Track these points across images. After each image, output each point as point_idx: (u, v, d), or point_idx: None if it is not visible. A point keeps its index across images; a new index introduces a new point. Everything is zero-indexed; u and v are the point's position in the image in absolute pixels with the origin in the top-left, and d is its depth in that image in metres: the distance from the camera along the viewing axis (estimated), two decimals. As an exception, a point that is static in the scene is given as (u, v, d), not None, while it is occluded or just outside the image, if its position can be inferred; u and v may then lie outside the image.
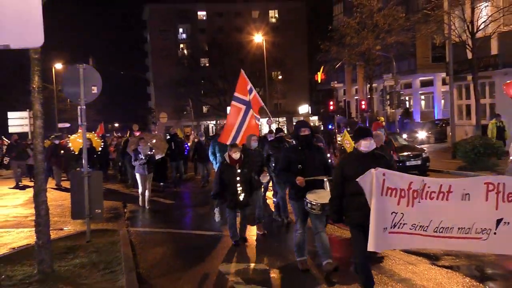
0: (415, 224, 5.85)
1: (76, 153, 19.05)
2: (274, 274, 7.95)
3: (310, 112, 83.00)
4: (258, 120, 13.07)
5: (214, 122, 76.72)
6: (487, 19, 23.37)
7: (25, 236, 11.39)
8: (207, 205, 14.69)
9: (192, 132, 27.81)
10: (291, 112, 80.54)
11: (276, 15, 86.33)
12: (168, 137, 21.06)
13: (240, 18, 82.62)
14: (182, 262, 8.89)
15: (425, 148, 22.13)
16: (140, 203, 14.89)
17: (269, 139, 13.30)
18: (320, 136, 13.59)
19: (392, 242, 5.99)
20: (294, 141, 9.09)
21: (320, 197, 7.47)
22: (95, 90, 10.09)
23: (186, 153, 21.08)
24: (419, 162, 18.96)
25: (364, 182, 5.87)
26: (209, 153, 14.94)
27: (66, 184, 19.61)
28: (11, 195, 19.54)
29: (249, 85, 13.20)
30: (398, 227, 5.87)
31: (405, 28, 33.54)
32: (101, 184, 10.76)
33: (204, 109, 79.31)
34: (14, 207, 16.40)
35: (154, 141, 17.23)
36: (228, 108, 47.84)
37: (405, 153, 18.91)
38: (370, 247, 5.84)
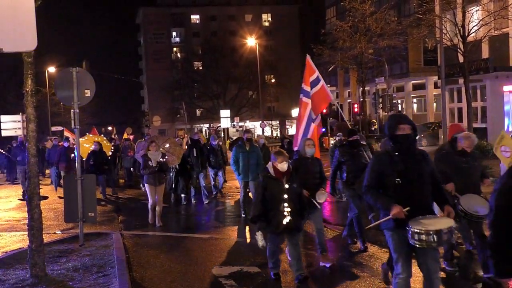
0: None
1: (84, 158, 17.79)
2: (267, 277, 7.97)
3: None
4: (314, 121, 10.81)
5: (207, 125, 76.72)
6: (478, 23, 23.52)
7: (18, 240, 11.36)
8: (202, 208, 14.71)
9: (186, 135, 27.55)
10: (284, 115, 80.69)
11: (269, 19, 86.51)
12: (189, 142, 17.00)
13: (233, 22, 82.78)
14: (175, 265, 8.90)
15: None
16: (150, 219, 12.70)
17: (339, 143, 12.13)
18: (362, 135, 12.83)
19: None
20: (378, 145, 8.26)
21: (431, 223, 5.07)
22: (88, 93, 10.09)
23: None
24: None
25: None
26: (231, 162, 12.94)
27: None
28: (3, 199, 19.46)
29: (315, 75, 10.93)
30: None
31: (397, 32, 33.71)
32: (94, 187, 10.76)
33: (198, 112, 79.31)
34: (6, 211, 16.34)
35: (167, 145, 14.28)
36: (223, 112, 47.63)
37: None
38: None
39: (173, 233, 11.95)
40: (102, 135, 37.14)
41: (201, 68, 79.53)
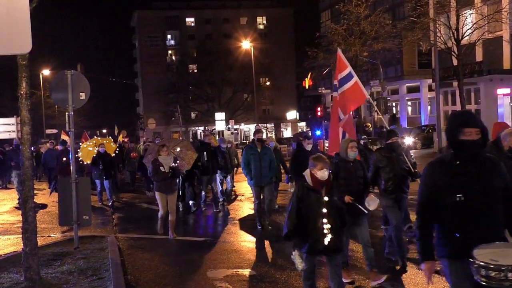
0: None
1: (89, 162, 17.45)
2: (262, 279, 7.97)
3: (298, 118, 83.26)
4: (339, 120, 9.85)
5: (202, 128, 76.73)
6: (472, 27, 23.64)
7: (12, 243, 11.32)
8: (200, 211, 14.68)
9: (181, 138, 27.44)
10: (279, 118, 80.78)
11: (264, 22, 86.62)
12: (199, 145, 15.91)
13: (228, 25, 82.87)
14: (170, 268, 8.89)
15: (412, 154, 22.29)
16: (159, 229, 11.65)
17: (362, 146, 11.41)
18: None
19: None
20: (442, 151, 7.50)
21: (504, 254, 3.79)
22: (83, 96, 10.08)
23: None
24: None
25: None
26: (242, 166, 11.87)
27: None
28: (-3, 202, 19.40)
29: (347, 70, 9.89)
30: None
31: (391, 35, 33.82)
32: (89, 190, 10.73)
33: (193, 115, 79.29)
34: (0, 214, 16.29)
35: (178, 149, 13.24)
36: (218, 114, 47.53)
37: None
38: None
39: (168, 236, 11.93)
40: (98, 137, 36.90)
41: (196, 71, 79.57)
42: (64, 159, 18.78)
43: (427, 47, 29.23)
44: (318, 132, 48.29)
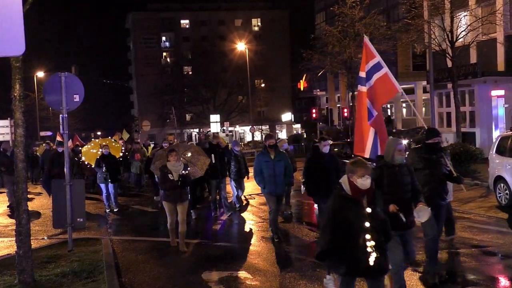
0: None
1: (93, 166, 16.78)
2: (256, 282, 7.96)
3: (293, 120, 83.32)
4: (370, 119, 8.77)
5: (197, 130, 76.69)
6: (466, 28, 23.71)
7: (6, 246, 11.26)
8: (191, 213, 14.64)
9: (175, 140, 27.31)
10: (274, 119, 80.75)
11: (259, 24, 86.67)
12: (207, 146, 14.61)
13: (223, 27, 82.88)
14: (164, 270, 8.87)
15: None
16: (171, 241, 10.48)
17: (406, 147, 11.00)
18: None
19: None
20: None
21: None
22: (77, 98, 10.06)
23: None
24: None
25: None
26: (254, 173, 10.71)
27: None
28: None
29: (376, 59, 8.94)
30: None
31: (386, 37, 33.86)
32: (83, 192, 10.71)
33: (188, 117, 79.22)
34: (-6, 217, 16.22)
35: (189, 154, 12.00)
36: (213, 116, 47.41)
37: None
38: None
39: (162, 238, 11.91)
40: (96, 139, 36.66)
41: (191, 73, 79.53)
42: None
43: (422, 49, 29.26)
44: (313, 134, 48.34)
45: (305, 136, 52.15)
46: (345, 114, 41.96)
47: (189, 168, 10.58)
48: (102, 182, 15.57)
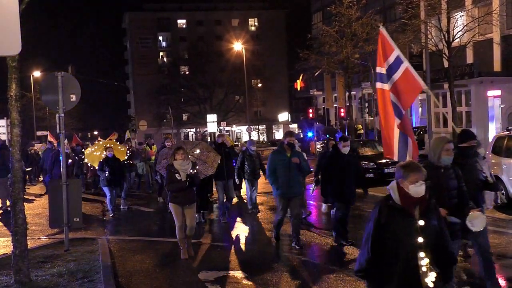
0: None
1: (96, 167, 16.29)
2: (252, 281, 7.97)
3: (289, 120, 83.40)
4: (400, 117, 7.91)
5: (194, 129, 76.67)
6: (462, 29, 23.75)
7: (2, 246, 11.23)
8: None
9: (172, 139, 27.08)
10: (270, 119, 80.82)
11: (256, 23, 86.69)
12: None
13: (220, 27, 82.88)
14: (161, 270, 8.87)
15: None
16: (182, 254, 9.48)
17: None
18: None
19: None
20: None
21: None
22: (74, 98, 10.05)
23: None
24: (397, 169, 19.10)
25: None
26: (267, 173, 10.04)
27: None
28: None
29: (395, 53, 8.03)
30: None
31: (383, 37, 33.90)
32: (80, 192, 10.70)
33: (184, 116, 79.20)
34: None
35: (197, 151, 11.20)
36: (209, 116, 47.29)
37: (383, 161, 19.11)
38: None
39: (159, 238, 11.91)
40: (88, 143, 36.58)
41: (187, 72, 79.48)
42: (70, 160, 17.90)
43: (418, 49, 29.30)
44: (310, 134, 48.40)
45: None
46: (342, 114, 41.99)
47: (198, 167, 9.88)
48: (105, 185, 14.93)
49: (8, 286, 7.72)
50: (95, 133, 67.85)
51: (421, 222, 4.17)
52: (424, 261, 4.13)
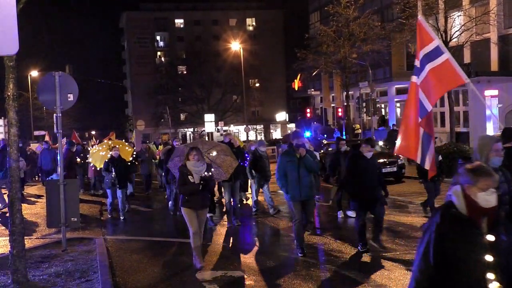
0: None
1: (99, 168, 15.98)
2: (250, 281, 7.97)
3: (287, 120, 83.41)
4: (423, 114, 7.23)
5: (191, 129, 76.67)
6: (460, 29, 23.81)
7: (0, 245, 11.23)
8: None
9: (170, 140, 27.00)
10: (268, 119, 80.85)
11: (253, 23, 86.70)
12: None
13: (217, 26, 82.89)
14: (159, 270, 8.87)
15: (400, 155, 22.39)
16: (198, 263, 8.67)
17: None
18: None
19: None
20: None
21: None
22: (71, 97, 10.04)
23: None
24: (394, 169, 19.16)
25: None
26: (277, 175, 9.36)
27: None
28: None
29: (434, 43, 7.29)
30: None
31: (380, 36, 33.96)
32: (77, 192, 10.70)
33: (182, 116, 79.19)
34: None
35: (213, 153, 10.49)
36: (207, 116, 47.32)
37: (381, 160, 19.13)
38: None
39: (156, 237, 11.90)
40: (85, 142, 36.38)
41: (185, 72, 79.50)
42: (78, 160, 17.76)
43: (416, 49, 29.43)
44: (307, 134, 48.34)
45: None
46: (339, 114, 42.02)
47: (213, 169, 9.13)
48: (109, 187, 14.21)
49: (5, 286, 7.71)
50: (93, 132, 67.72)
51: (490, 237, 3.38)
52: (493, 285, 3.31)
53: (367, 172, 9.18)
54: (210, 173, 8.69)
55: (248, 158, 14.23)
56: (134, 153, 17.89)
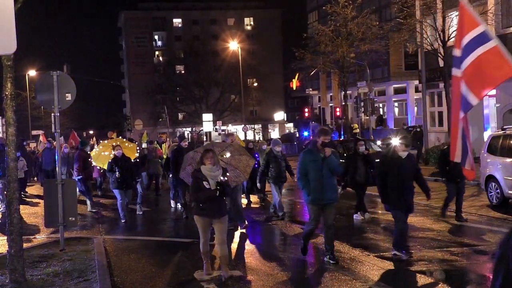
0: None
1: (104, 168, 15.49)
2: (249, 281, 7.97)
3: (285, 119, 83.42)
4: (465, 109, 6.65)
5: (189, 129, 76.63)
6: (458, 28, 23.85)
7: (-3, 245, 11.22)
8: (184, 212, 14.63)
9: (168, 139, 26.78)
10: (266, 119, 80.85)
11: (252, 23, 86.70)
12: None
13: (215, 26, 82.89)
14: (157, 269, 8.86)
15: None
16: (205, 270, 8.24)
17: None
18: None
19: None
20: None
21: None
22: (69, 97, 10.03)
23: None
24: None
25: None
26: (297, 175, 8.81)
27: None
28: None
29: (480, 29, 6.50)
30: None
31: (378, 36, 33.97)
32: (75, 191, 10.69)
33: (180, 116, 79.14)
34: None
35: (227, 155, 9.66)
36: (205, 116, 47.28)
37: (379, 160, 19.12)
38: None
39: (154, 237, 11.90)
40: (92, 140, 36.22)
41: (183, 72, 79.46)
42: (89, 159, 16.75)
43: (414, 49, 29.40)
44: (306, 133, 48.41)
45: (297, 135, 51.97)
46: (337, 113, 42.04)
47: (228, 173, 8.44)
48: (115, 187, 13.61)
49: (3, 286, 7.71)
50: (91, 132, 67.61)
51: None
52: None
53: (405, 173, 8.60)
54: (225, 178, 8.00)
55: (258, 159, 13.65)
56: (138, 148, 17.12)
